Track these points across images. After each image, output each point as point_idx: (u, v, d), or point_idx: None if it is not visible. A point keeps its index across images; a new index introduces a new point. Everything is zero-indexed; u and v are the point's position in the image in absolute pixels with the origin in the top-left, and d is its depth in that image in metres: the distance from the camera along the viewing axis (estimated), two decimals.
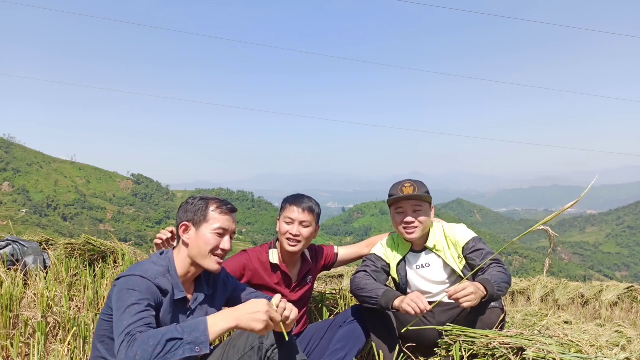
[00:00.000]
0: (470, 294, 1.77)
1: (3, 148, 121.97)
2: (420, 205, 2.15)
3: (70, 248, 3.48)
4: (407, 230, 2.17)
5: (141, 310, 1.33)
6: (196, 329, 1.25)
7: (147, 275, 1.46)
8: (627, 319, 6.19)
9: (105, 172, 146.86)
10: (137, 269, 1.49)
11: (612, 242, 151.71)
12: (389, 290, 2.00)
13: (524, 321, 4.25)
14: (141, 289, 1.41)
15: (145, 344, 1.20)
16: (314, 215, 2.20)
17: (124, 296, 1.38)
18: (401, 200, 2.17)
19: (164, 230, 2.03)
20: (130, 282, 1.42)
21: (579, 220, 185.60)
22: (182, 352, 1.21)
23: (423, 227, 2.17)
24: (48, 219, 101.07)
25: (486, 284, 1.87)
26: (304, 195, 2.27)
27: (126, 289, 1.40)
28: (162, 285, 1.50)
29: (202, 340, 1.24)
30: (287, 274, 2.26)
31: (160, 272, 1.52)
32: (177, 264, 1.60)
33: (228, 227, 1.61)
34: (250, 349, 1.48)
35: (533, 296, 6.95)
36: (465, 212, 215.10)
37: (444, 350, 1.81)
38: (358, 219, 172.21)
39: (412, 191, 2.13)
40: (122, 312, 1.33)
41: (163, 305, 1.49)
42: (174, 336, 1.22)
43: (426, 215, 2.17)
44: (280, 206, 2.28)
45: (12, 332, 2.27)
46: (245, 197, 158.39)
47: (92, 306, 2.75)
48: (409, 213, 2.15)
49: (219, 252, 1.60)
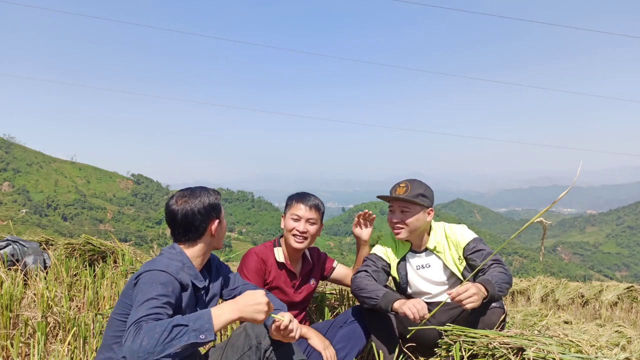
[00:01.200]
0: (472, 295, 1.77)
1: (3, 148, 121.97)
2: (408, 208, 2.16)
3: (70, 248, 3.48)
4: (393, 228, 2.23)
5: (157, 306, 1.35)
6: (200, 318, 1.29)
7: (170, 270, 1.49)
8: (627, 319, 6.19)
9: (105, 172, 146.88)
10: (157, 264, 1.51)
11: (612, 242, 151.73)
12: (389, 292, 2.00)
13: (524, 321, 4.25)
14: (165, 283, 1.43)
15: (152, 330, 1.22)
16: (320, 213, 2.24)
17: (147, 290, 1.39)
18: (391, 200, 2.21)
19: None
20: (154, 277, 1.44)
21: (579, 220, 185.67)
22: (187, 338, 1.23)
23: (410, 228, 2.18)
24: (48, 219, 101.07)
25: (487, 285, 1.87)
26: (309, 193, 2.30)
27: (150, 282, 1.42)
28: (183, 280, 1.53)
29: (207, 328, 1.26)
30: (292, 272, 2.28)
31: (179, 267, 1.56)
32: (190, 257, 1.64)
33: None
34: (249, 349, 1.49)
35: (533, 296, 6.95)
36: (465, 212, 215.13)
37: (444, 350, 1.81)
38: None
39: (402, 192, 2.16)
40: (140, 304, 1.35)
41: (183, 300, 1.52)
42: (180, 322, 1.25)
43: (414, 217, 2.16)
44: (286, 203, 2.29)
45: (12, 332, 2.27)
46: (245, 197, 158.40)
47: (92, 306, 2.75)
48: (396, 213, 2.20)
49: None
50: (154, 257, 2.21)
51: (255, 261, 2.18)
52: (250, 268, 2.15)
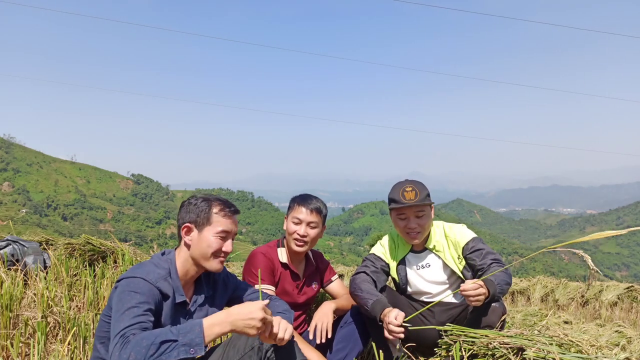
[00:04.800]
0: (481, 294, 1.78)
1: (3, 148, 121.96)
2: (423, 210, 2.15)
3: (70, 248, 3.47)
4: (410, 235, 2.18)
5: (139, 314, 1.33)
6: (191, 331, 1.25)
7: (149, 278, 1.45)
8: (627, 319, 6.20)
9: (105, 172, 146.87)
10: (139, 271, 1.47)
11: (612, 242, 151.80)
12: (378, 301, 1.97)
13: (524, 321, 4.25)
14: (142, 291, 1.40)
15: (139, 345, 1.20)
16: (321, 216, 2.22)
17: (125, 298, 1.37)
18: (406, 208, 2.15)
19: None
20: (132, 284, 1.41)
21: (579, 220, 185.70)
22: (177, 353, 1.21)
23: (425, 230, 2.19)
24: (48, 219, 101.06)
25: (489, 285, 1.87)
26: (311, 195, 2.28)
27: (127, 291, 1.39)
28: (163, 288, 1.49)
29: (197, 342, 1.24)
30: (295, 273, 2.28)
31: (162, 276, 1.51)
32: (178, 265, 1.59)
33: (231, 229, 1.60)
34: (250, 349, 1.48)
35: (533, 296, 6.95)
36: (465, 212, 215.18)
37: (444, 350, 1.81)
38: (358, 219, 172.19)
39: (413, 196, 2.11)
40: (121, 314, 1.33)
41: (163, 309, 1.49)
42: (168, 338, 1.22)
43: (428, 219, 2.17)
44: (288, 205, 2.29)
45: (12, 332, 2.27)
46: (245, 197, 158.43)
47: (92, 306, 2.75)
48: (411, 219, 2.15)
49: (222, 255, 1.59)
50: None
51: (264, 260, 2.18)
52: (262, 268, 2.14)
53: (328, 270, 2.50)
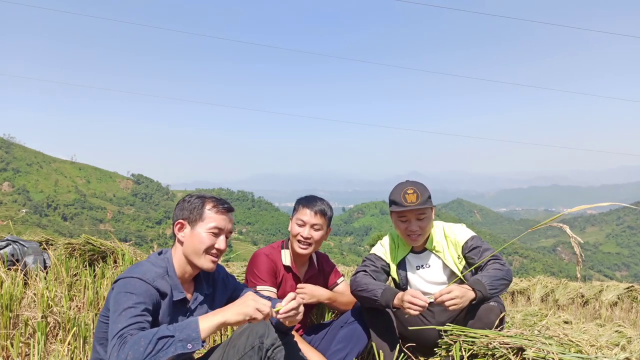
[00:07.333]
0: (455, 297, 1.78)
1: (3, 148, 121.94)
2: (424, 213, 2.14)
3: (70, 248, 3.47)
4: (411, 237, 2.18)
5: (136, 314, 1.33)
6: (187, 327, 1.27)
7: (146, 277, 1.45)
8: (627, 319, 6.20)
9: (105, 172, 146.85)
10: (135, 270, 1.48)
11: (612, 242, 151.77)
12: (387, 289, 2.00)
13: (524, 321, 4.25)
14: (139, 292, 1.40)
15: (137, 344, 1.21)
16: (326, 218, 2.21)
17: (121, 299, 1.37)
18: (407, 211, 2.15)
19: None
20: (128, 285, 1.41)
21: (579, 220, 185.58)
22: (174, 349, 1.22)
23: (426, 232, 2.19)
24: (48, 219, 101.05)
25: (476, 286, 1.87)
26: (316, 197, 2.27)
27: (124, 291, 1.39)
28: (161, 287, 1.49)
29: (194, 337, 1.25)
30: (297, 276, 2.28)
31: (159, 274, 1.52)
32: (175, 263, 1.59)
33: (224, 226, 1.60)
34: (251, 349, 1.48)
35: (533, 296, 6.95)
36: (465, 212, 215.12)
37: (444, 350, 1.81)
38: (358, 219, 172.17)
39: (415, 199, 2.10)
40: (118, 314, 1.33)
41: (162, 307, 1.49)
42: (165, 334, 1.23)
43: (429, 221, 2.17)
44: (294, 207, 2.28)
45: (12, 332, 2.27)
46: (245, 197, 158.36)
47: (92, 306, 2.75)
48: (412, 222, 2.14)
49: (214, 252, 1.59)
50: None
51: (267, 262, 2.18)
52: (264, 269, 2.15)
53: (333, 273, 2.48)
